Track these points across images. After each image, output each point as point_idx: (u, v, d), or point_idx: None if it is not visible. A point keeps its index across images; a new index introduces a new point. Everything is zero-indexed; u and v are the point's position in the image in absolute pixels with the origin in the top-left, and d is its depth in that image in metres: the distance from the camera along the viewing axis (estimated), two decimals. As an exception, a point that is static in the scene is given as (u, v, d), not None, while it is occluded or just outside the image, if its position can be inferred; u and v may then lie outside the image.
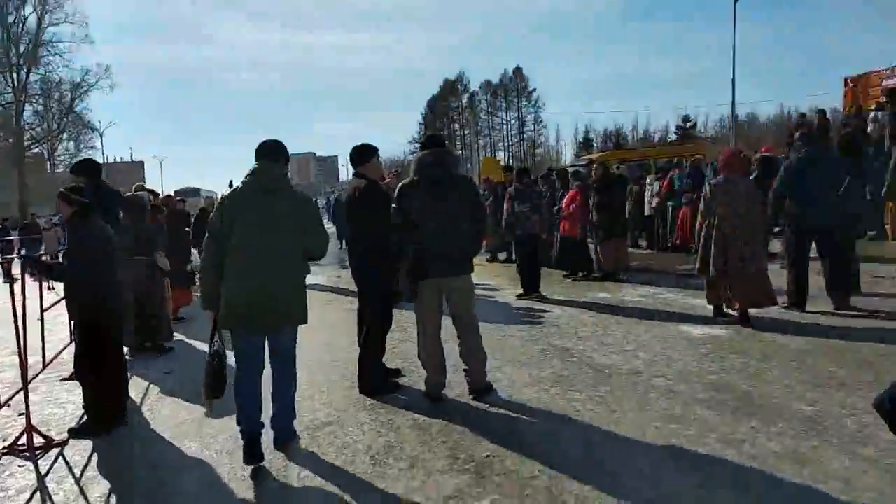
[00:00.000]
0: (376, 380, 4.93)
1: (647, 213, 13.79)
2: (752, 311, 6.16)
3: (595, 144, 73.46)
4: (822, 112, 17.60)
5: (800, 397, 4.16)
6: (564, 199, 10.02)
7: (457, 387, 4.82)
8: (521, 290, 8.65)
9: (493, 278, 10.52)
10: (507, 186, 10.94)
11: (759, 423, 3.80)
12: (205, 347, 4.41)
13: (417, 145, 4.35)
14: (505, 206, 9.05)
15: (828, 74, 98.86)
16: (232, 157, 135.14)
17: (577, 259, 9.87)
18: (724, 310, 6.43)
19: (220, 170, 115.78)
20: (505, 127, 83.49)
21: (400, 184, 4.79)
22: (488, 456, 3.65)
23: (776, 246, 10.17)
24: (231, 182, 13.39)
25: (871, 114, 14.40)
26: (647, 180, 14.12)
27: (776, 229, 9.04)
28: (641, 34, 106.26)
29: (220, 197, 4.01)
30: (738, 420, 3.88)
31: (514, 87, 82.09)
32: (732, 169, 6.36)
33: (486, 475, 3.42)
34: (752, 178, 9.08)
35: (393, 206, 4.67)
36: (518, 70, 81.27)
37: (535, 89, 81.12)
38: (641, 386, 4.64)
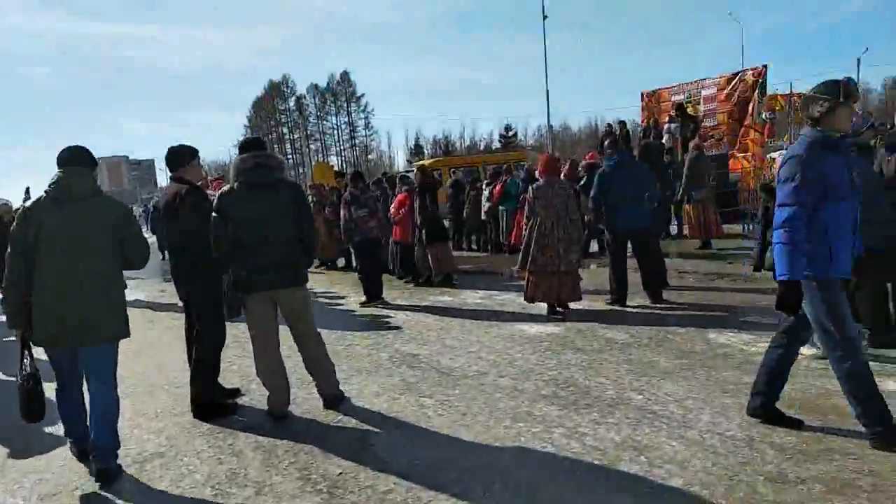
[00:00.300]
0: (211, 401, 4.55)
1: (482, 217, 14.28)
2: (580, 306, 6.60)
3: (426, 151, 75.36)
4: (622, 123, 19.53)
5: (630, 388, 4.48)
6: (393, 205, 10.01)
7: (303, 402, 4.60)
8: (364, 298, 8.51)
9: (335, 286, 10.29)
10: (341, 192, 10.81)
11: (598, 415, 4.02)
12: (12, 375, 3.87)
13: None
14: (342, 211, 8.84)
15: (631, 88, 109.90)
16: (24, 161, 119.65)
17: (412, 264, 9.90)
18: (556, 308, 6.81)
19: (16, 175, 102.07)
20: (336, 132, 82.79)
21: (219, 191, 4.45)
22: (341, 473, 3.50)
23: (595, 246, 11.07)
24: (28, 189, 11.80)
25: (666, 126, 16.16)
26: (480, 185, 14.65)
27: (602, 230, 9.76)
28: (467, 46, 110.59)
29: (20, 207, 3.55)
30: (579, 413, 4.08)
31: (343, 92, 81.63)
32: (550, 173, 6.83)
33: (339, 494, 3.27)
34: (580, 183, 9.88)
35: (214, 214, 4.27)
36: (346, 75, 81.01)
37: (363, 94, 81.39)
38: (488, 387, 4.73)
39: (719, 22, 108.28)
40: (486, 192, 13.56)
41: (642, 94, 18.87)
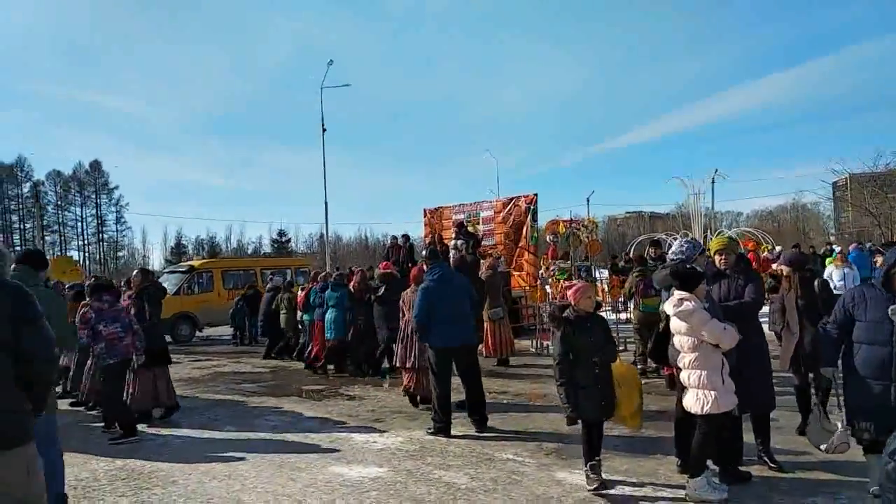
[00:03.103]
0: None
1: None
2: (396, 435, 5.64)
3: (188, 251, 69.97)
4: (405, 236, 19.77)
5: None
6: None
7: None
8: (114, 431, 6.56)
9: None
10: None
11: None
12: None
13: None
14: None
15: (398, 205, 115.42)
16: None
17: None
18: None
19: None
20: (81, 224, 73.40)
21: None
22: None
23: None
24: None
25: (452, 241, 16.52)
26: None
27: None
28: (228, 151, 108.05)
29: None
30: None
31: (91, 182, 73.46)
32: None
33: None
34: (377, 293, 9.16)
35: None
36: (97, 164, 73.33)
37: (117, 186, 74.00)
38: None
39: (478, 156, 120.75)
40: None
41: (425, 211, 19.31)
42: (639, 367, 9.38)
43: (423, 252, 7.26)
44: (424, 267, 6.81)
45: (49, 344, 2.84)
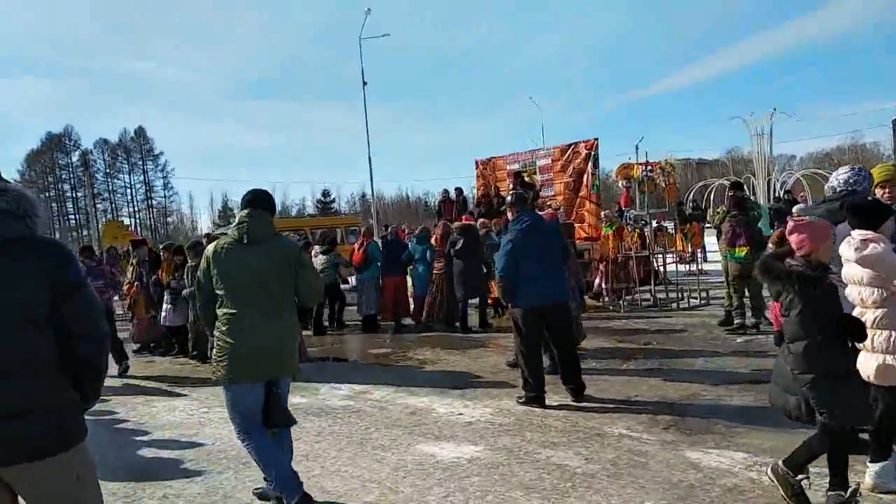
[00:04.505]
0: None
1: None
2: (486, 407, 4.96)
3: (235, 214, 70.67)
4: (458, 189, 18.99)
5: None
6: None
7: None
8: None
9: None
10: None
11: None
12: None
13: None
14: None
15: (440, 159, 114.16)
16: None
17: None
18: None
19: None
20: (129, 191, 74.67)
21: None
22: None
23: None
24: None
25: (510, 194, 15.61)
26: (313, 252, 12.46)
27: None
28: (269, 112, 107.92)
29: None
30: None
31: (137, 149, 74.36)
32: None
33: None
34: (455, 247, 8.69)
35: None
36: (141, 130, 74.07)
37: (162, 152, 74.77)
38: None
39: (520, 106, 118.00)
40: (319, 259, 11.51)
41: (476, 163, 18.37)
42: (736, 321, 8.50)
43: (507, 198, 6.42)
44: (509, 215, 6.00)
45: (99, 315, 2.20)
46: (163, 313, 9.19)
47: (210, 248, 3.70)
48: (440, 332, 10.00)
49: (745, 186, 10.38)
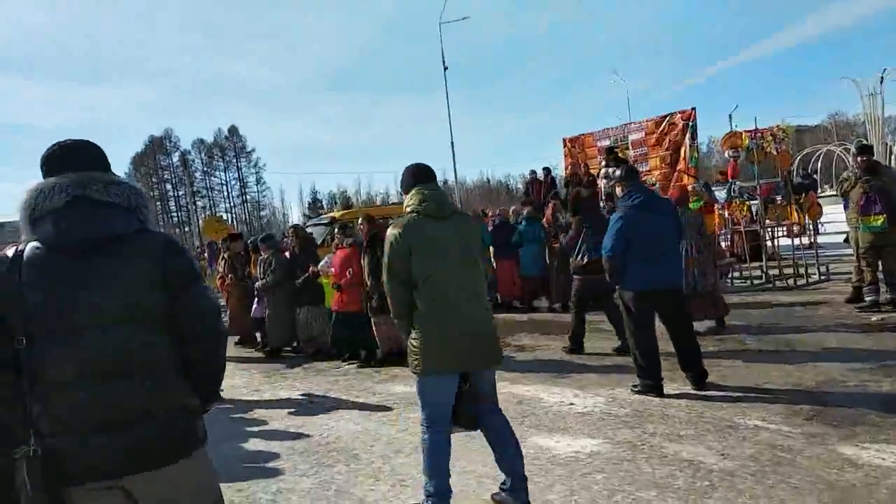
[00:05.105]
0: None
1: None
2: (598, 395, 4.62)
3: (323, 206, 72.61)
4: (547, 169, 18.44)
5: None
6: (332, 263, 7.87)
7: None
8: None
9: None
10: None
11: None
12: None
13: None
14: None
15: (519, 145, 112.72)
16: None
17: (357, 338, 7.69)
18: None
19: None
20: (225, 188, 78.24)
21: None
22: None
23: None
24: None
25: (603, 170, 15.00)
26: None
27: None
28: (345, 105, 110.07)
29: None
30: None
31: (231, 147, 77.70)
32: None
33: None
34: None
35: None
36: (234, 129, 77.26)
37: (254, 149, 77.81)
38: None
39: (603, 84, 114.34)
40: None
41: (564, 141, 17.76)
42: (867, 298, 7.71)
43: (617, 172, 6.00)
44: (619, 191, 5.59)
45: (214, 314, 2.06)
46: (254, 305, 9.37)
47: (397, 228, 3.24)
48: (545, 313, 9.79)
49: (872, 150, 9.38)
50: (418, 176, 3.40)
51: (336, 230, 8.27)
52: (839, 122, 58.58)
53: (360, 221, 7.71)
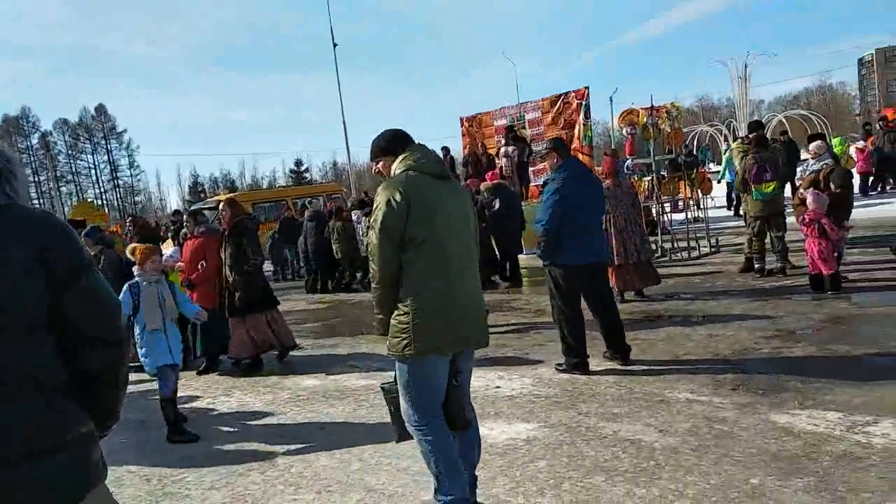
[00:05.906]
0: None
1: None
2: (526, 376, 4.44)
3: (206, 190, 68.85)
4: (445, 149, 18.28)
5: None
6: (182, 255, 6.95)
7: None
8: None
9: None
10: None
11: None
12: None
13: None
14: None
15: (412, 123, 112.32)
16: None
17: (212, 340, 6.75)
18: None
19: None
20: (94, 172, 72.20)
21: None
22: None
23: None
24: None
25: (503, 149, 15.01)
26: (355, 216, 11.56)
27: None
28: (229, 83, 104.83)
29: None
30: None
31: (99, 127, 71.71)
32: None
33: None
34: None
35: None
36: (102, 108, 71.27)
37: (125, 130, 72.26)
38: None
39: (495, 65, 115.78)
40: (363, 222, 10.72)
41: (461, 120, 17.66)
42: (756, 266, 8.09)
43: (543, 145, 5.76)
44: (550, 163, 5.36)
45: (113, 311, 1.60)
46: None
47: (395, 185, 2.82)
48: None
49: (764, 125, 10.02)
50: (405, 139, 3.05)
51: (185, 217, 7.40)
52: (705, 105, 63.02)
53: (221, 207, 6.78)
